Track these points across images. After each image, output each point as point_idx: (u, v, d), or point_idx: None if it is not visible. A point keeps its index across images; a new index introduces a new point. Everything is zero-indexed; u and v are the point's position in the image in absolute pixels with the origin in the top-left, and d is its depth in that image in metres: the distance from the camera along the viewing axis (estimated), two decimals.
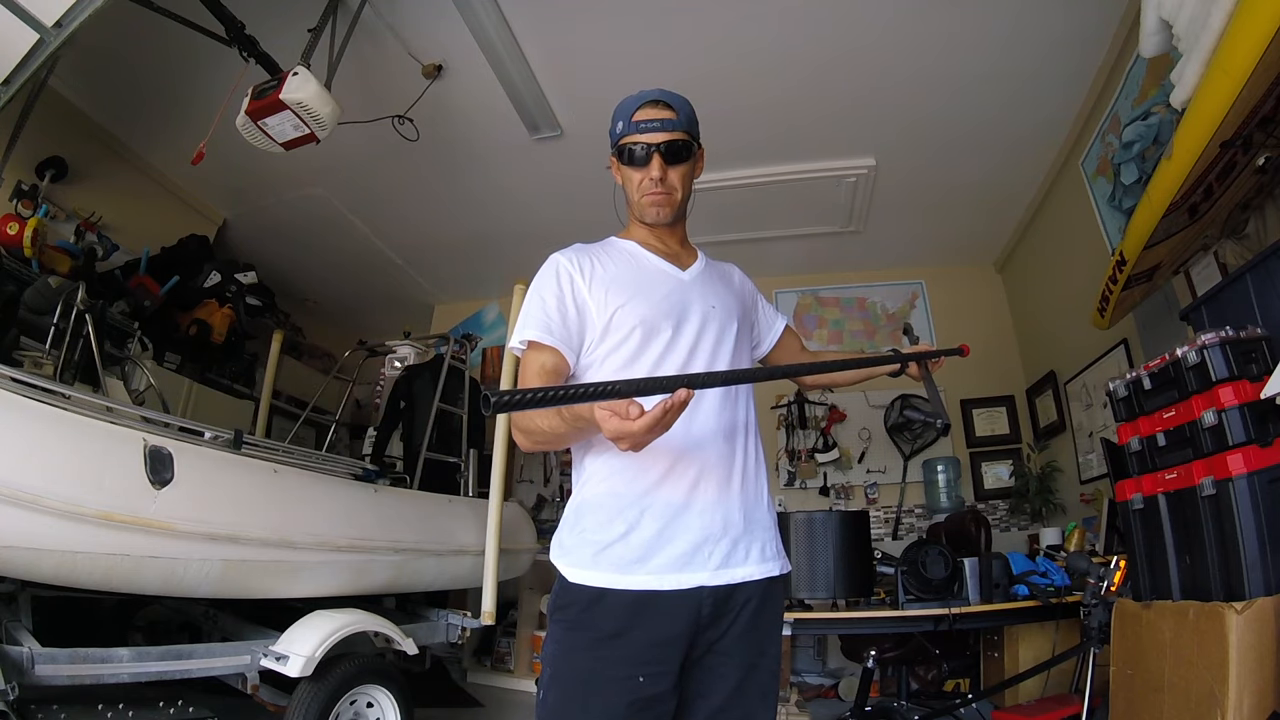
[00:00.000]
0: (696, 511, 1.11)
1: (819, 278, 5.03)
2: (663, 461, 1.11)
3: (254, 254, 4.56)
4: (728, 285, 1.37)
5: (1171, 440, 1.93)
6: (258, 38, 2.68)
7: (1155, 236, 2.24)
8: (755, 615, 1.13)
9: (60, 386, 2.08)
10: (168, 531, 1.97)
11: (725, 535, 1.12)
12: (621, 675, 1.05)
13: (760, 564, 1.15)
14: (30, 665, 1.76)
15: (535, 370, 1.14)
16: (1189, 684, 1.68)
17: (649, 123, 1.21)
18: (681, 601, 1.08)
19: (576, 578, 1.11)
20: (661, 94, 1.24)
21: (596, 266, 1.23)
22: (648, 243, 1.31)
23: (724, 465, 1.15)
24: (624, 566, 1.09)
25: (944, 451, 4.47)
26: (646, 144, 1.21)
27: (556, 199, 3.99)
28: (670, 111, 1.23)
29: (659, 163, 1.22)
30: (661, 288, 1.24)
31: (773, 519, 1.23)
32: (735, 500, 1.15)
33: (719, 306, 1.26)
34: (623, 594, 1.07)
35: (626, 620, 1.07)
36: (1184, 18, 1.82)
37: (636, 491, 1.11)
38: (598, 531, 1.11)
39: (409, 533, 2.87)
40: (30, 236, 2.93)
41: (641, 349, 1.17)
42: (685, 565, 1.09)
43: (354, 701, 2.42)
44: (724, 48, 2.98)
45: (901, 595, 2.64)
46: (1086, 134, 3.27)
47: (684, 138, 1.23)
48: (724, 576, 1.11)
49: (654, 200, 1.25)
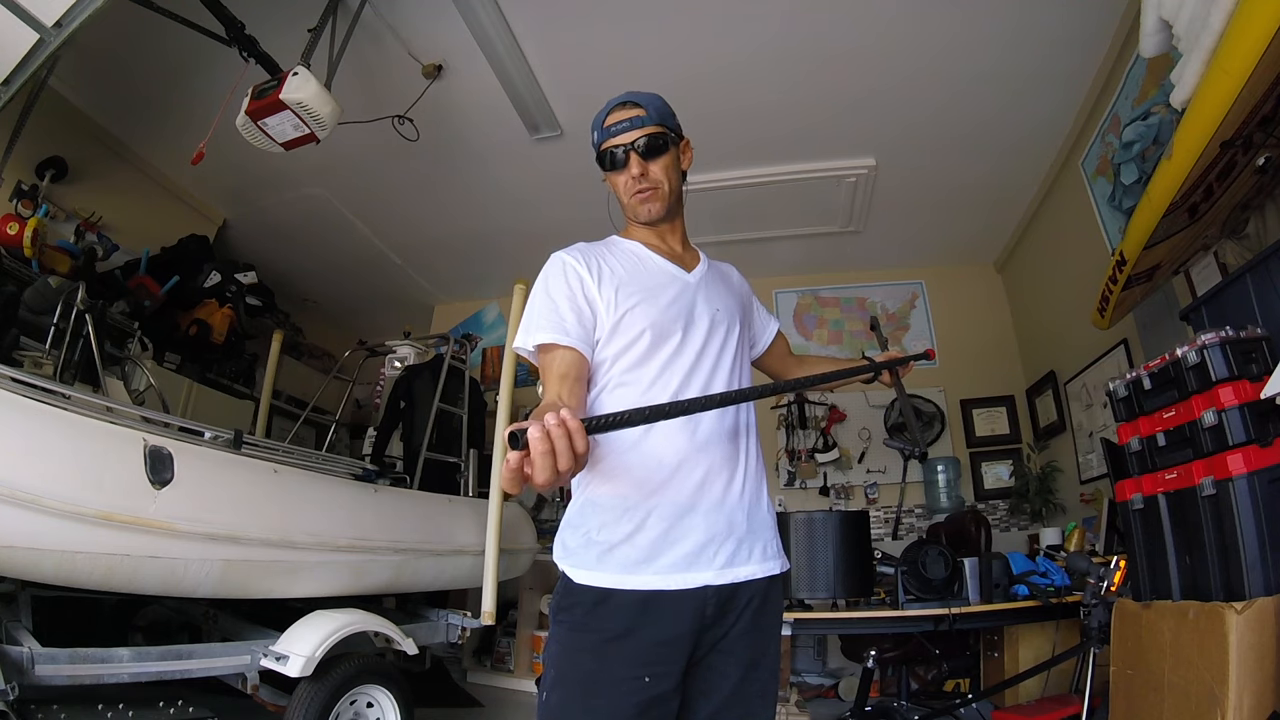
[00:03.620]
0: (702, 512, 1.12)
1: (819, 278, 5.04)
2: (669, 463, 1.12)
3: (254, 254, 4.56)
4: (728, 286, 1.37)
5: (1171, 440, 1.93)
6: (258, 38, 2.68)
7: (1155, 236, 2.24)
8: (757, 614, 1.14)
9: (60, 386, 2.08)
10: (168, 531, 1.97)
11: (730, 535, 1.13)
12: (627, 676, 1.05)
13: (762, 563, 1.17)
14: (30, 665, 1.76)
15: (557, 371, 1.12)
16: (1189, 684, 1.68)
17: (619, 125, 1.23)
18: (687, 601, 1.09)
19: (582, 579, 1.10)
20: (628, 95, 1.27)
21: (604, 265, 1.23)
22: (651, 243, 1.31)
23: (728, 466, 1.16)
24: (630, 567, 1.09)
25: (944, 451, 4.47)
26: (621, 145, 1.23)
27: (556, 199, 3.99)
28: (639, 109, 1.24)
29: (636, 160, 1.23)
30: (669, 290, 1.24)
31: (772, 519, 1.24)
32: (739, 501, 1.16)
33: (723, 309, 1.27)
34: (629, 594, 1.08)
35: (632, 620, 1.07)
36: (1184, 18, 1.82)
37: (643, 493, 1.11)
38: (603, 532, 1.11)
39: (409, 533, 2.87)
40: (30, 236, 2.93)
41: (651, 352, 1.17)
42: (691, 565, 1.10)
43: (354, 701, 2.42)
44: (724, 47, 2.98)
45: (901, 595, 2.64)
46: (1086, 134, 3.27)
47: (656, 130, 1.24)
48: (728, 576, 1.12)
49: (642, 197, 1.26)
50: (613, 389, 1.17)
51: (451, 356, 3.83)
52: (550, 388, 1.12)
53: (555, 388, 1.11)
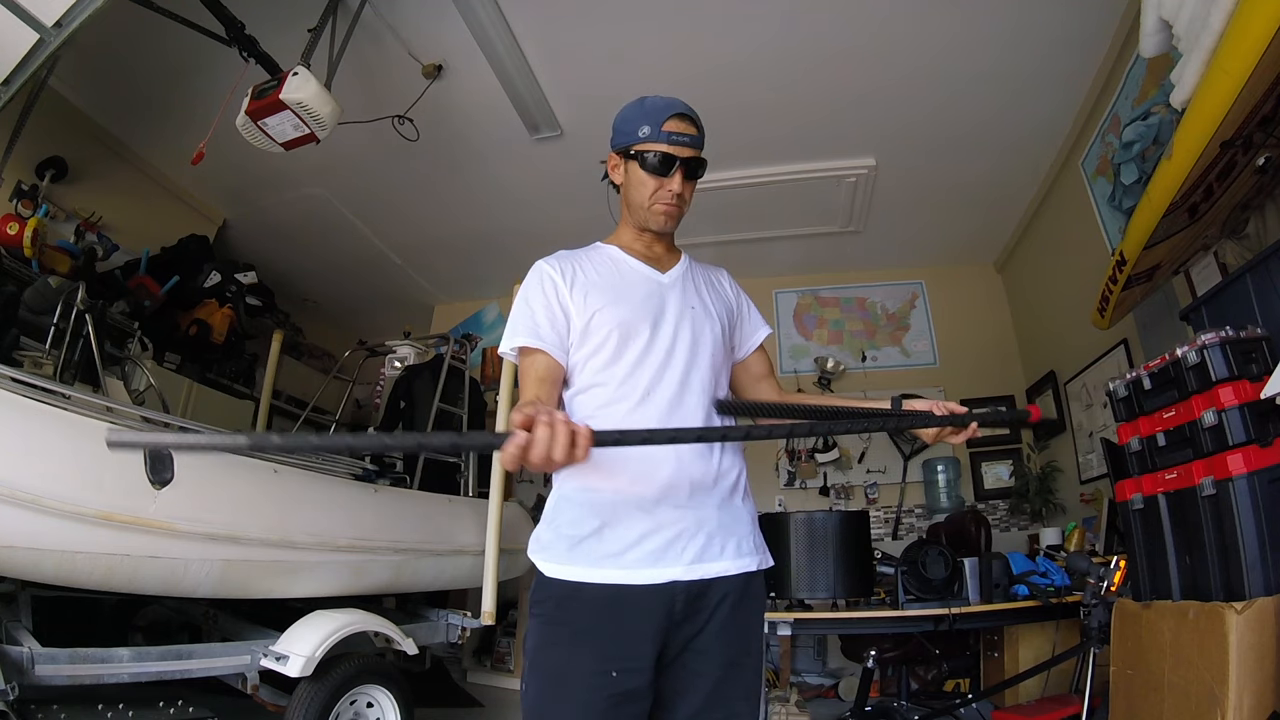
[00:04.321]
0: (671, 506, 1.12)
1: (819, 278, 5.04)
2: (638, 457, 1.13)
3: (254, 254, 4.55)
4: (713, 287, 1.37)
5: (1171, 440, 1.93)
6: (258, 38, 2.69)
7: (1155, 236, 2.24)
8: (733, 612, 1.13)
9: (60, 386, 2.09)
10: (168, 531, 1.97)
11: (700, 531, 1.13)
12: (595, 669, 1.06)
13: (736, 559, 1.15)
14: (30, 665, 1.76)
15: (533, 375, 1.18)
16: (1189, 684, 1.68)
17: (680, 136, 1.23)
18: (654, 596, 1.09)
19: (553, 572, 1.12)
20: (688, 108, 1.27)
21: (578, 271, 1.26)
22: (631, 248, 1.33)
23: (699, 462, 1.16)
24: (598, 561, 1.10)
25: (944, 452, 4.47)
26: (676, 156, 1.23)
27: (556, 199, 3.99)
28: (695, 128, 1.26)
29: (681, 178, 1.24)
30: (640, 291, 1.25)
31: (750, 514, 1.22)
32: (709, 496, 1.16)
33: (699, 307, 1.27)
34: (597, 588, 1.09)
35: (600, 614, 1.08)
36: (1184, 18, 1.82)
37: (612, 487, 1.13)
38: (573, 526, 1.13)
39: (409, 533, 2.87)
40: (30, 236, 2.93)
41: (620, 351, 1.18)
42: (658, 560, 1.10)
43: (354, 701, 2.42)
44: (724, 47, 2.98)
45: (901, 595, 2.64)
46: (1086, 134, 3.27)
47: (702, 156, 1.27)
48: (698, 571, 1.11)
49: (666, 210, 1.27)
50: (587, 388, 1.19)
51: (451, 356, 3.83)
52: (529, 389, 1.17)
53: (534, 389, 1.16)
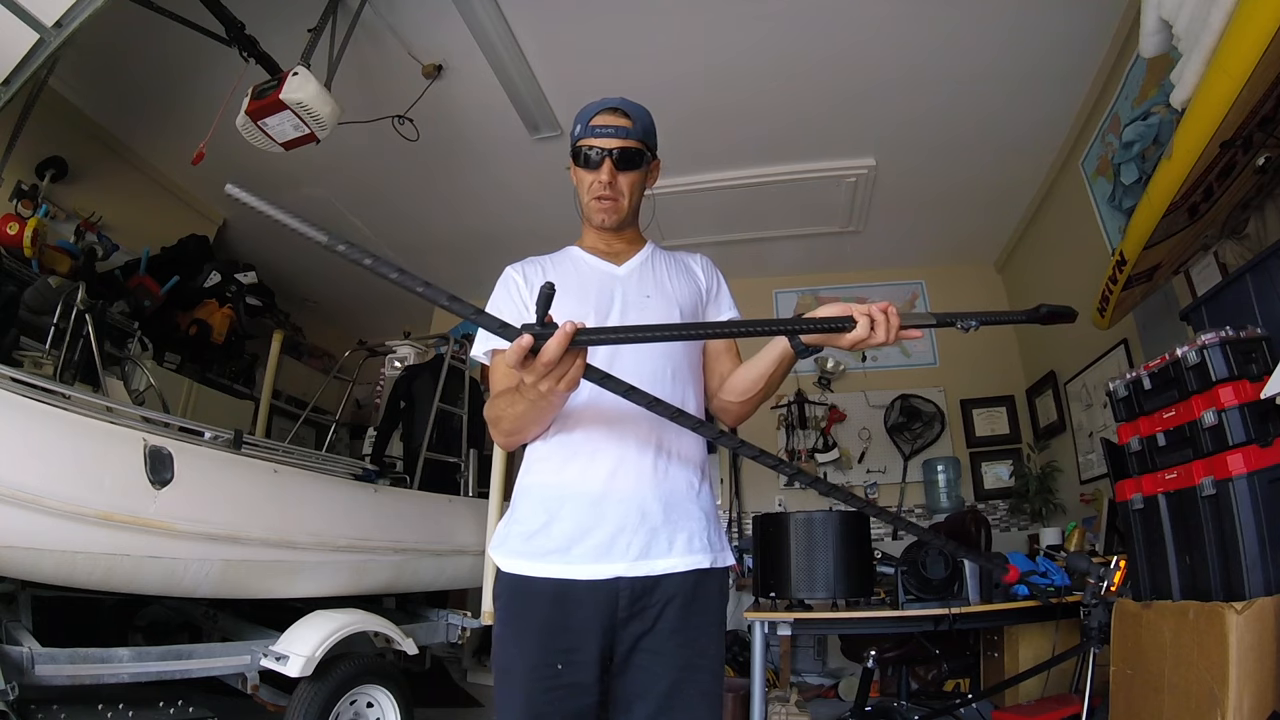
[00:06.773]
0: (614, 501, 1.11)
1: (819, 278, 5.04)
2: (584, 451, 1.13)
3: (254, 254, 4.56)
4: (680, 273, 1.34)
5: (1171, 440, 1.93)
6: (258, 38, 2.69)
7: (1155, 236, 2.24)
8: (685, 610, 1.11)
9: (60, 386, 2.08)
10: (168, 531, 1.97)
11: (643, 525, 1.11)
12: (540, 663, 1.07)
13: (685, 555, 1.13)
14: (30, 665, 1.76)
15: (502, 374, 1.18)
16: (1189, 684, 1.68)
17: (604, 128, 1.24)
18: (598, 592, 1.09)
19: (507, 567, 1.14)
20: (622, 102, 1.28)
21: (542, 274, 1.29)
22: (594, 247, 1.34)
23: (644, 454, 1.14)
24: (545, 555, 1.11)
25: (944, 451, 4.47)
26: (600, 148, 1.24)
27: (556, 199, 3.94)
28: (627, 120, 1.26)
29: (609, 167, 1.24)
30: (592, 284, 1.27)
31: (704, 509, 1.19)
32: (653, 490, 1.13)
33: (656, 295, 1.27)
34: (544, 582, 1.10)
35: (547, 608, 1.09)
36: (1184, 18, 1.82)
37: (559, 481, 1.14)
38: (524, 522, 1.15)
39: (409, 533, 2.87)
40: (30, 236, 2.93)
41: None
42: (603, 555, 1.10)
43: (354, 701, 2.42)
44: (723, 47, 2.98)
45: (901, 595, 2.64)
46: (1086, 134, 3.27)
47: (637, 145, 1.26)
48: (643, 568, 1.10)
49: (600, 205, 1.27)
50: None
51: (451, 357, 3.83)
52: (500, 388, 1.17)
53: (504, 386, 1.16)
